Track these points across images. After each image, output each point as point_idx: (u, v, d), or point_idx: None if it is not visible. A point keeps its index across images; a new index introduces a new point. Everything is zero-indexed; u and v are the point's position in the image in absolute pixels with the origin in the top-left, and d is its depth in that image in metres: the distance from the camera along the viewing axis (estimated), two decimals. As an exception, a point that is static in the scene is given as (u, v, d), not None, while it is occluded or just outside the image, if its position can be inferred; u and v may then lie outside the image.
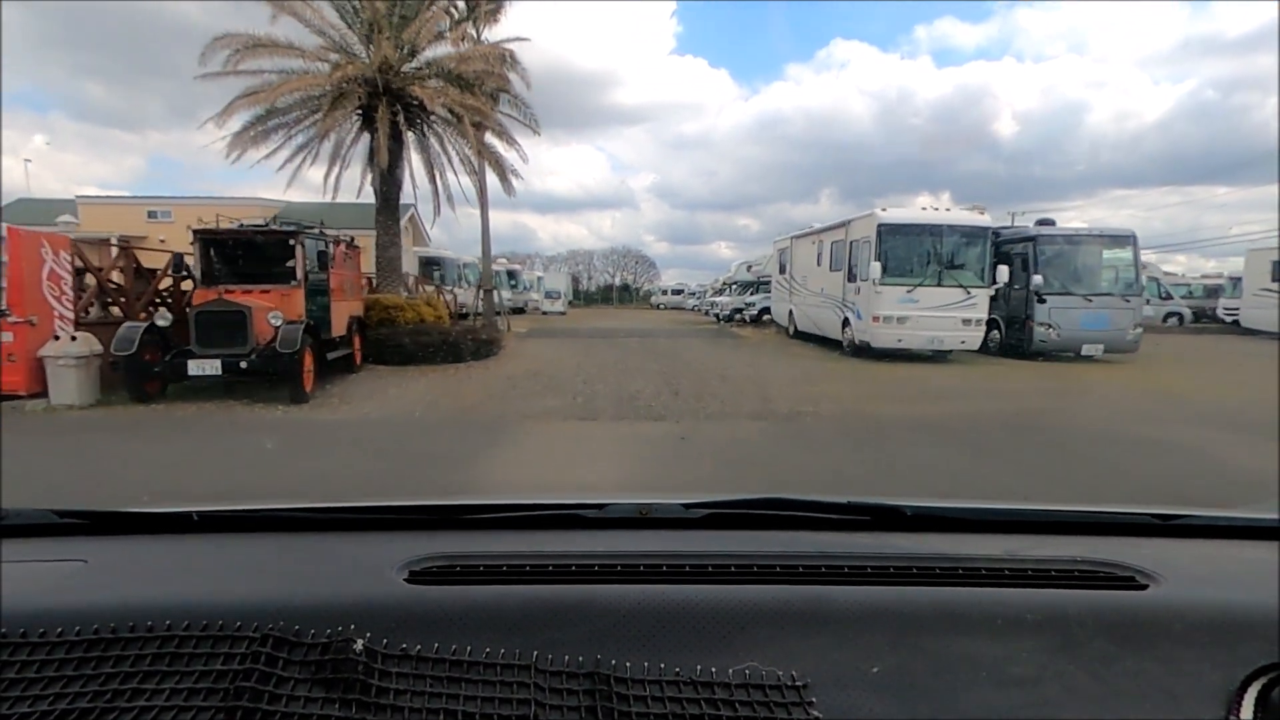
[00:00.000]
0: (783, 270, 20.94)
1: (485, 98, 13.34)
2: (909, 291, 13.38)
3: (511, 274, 40.07)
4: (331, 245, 9.78)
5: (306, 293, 8.97)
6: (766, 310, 24.94)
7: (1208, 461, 5.68)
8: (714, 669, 0.74)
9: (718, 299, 32.54)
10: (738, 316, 28.15)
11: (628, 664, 0.74)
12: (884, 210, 13.73)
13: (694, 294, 60.53)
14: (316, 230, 9.39)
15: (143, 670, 0.71)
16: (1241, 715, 0.72)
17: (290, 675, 0.70)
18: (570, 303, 63.70)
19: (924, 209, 13.78)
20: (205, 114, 13.69)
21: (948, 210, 13.73)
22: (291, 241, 8.81)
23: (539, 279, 49.50)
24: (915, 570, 0.92)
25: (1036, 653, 0.77)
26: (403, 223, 19.58)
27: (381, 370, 11.21)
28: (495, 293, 20.26)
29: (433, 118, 13.79)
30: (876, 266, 13.28)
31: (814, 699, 0.71)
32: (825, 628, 0.79)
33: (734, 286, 32.30)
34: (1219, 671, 0.76)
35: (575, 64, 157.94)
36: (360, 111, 13.01)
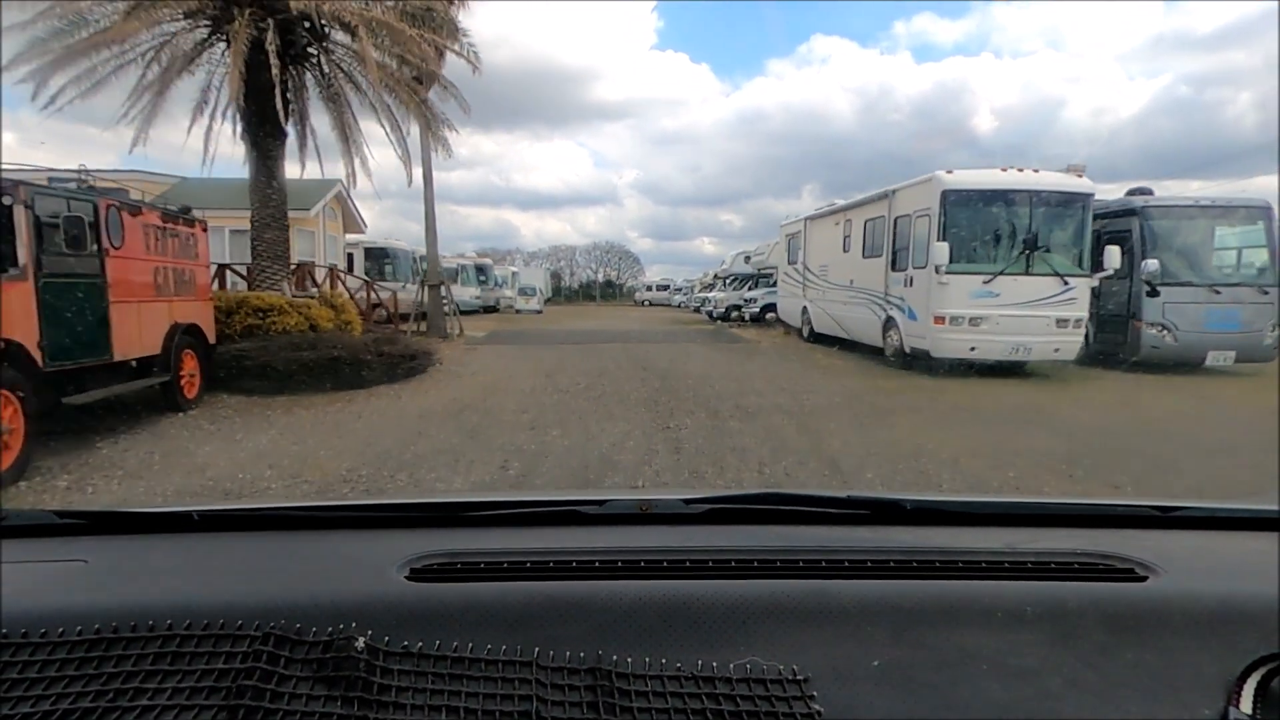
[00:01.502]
0: (793, 260, 17.39)
1: (403, 16, 9.58)
2: (986, 282, 9.84)
3: (481, 268, 36.27)
4: (114, 212, 6.00)
5: (42, 289, 5.20)
6: (770, 308, 21.40)
7: None
8: (715, 664, 0.73)
9: (711, 294, 28.91)
10: (735, 315, 24.59)
11: (629, 659, 0.73)
12: (949, 173, 10.18)
13: (680, 290, 57.74)
14: (71, 185, 5.62)
15: (144, 670, 0.70)
16: (1241, 706, 0.71)
17: (292, 674, 0.69)
18: (549, 300, 60.07)
19: (1004, 170, 10.23)
20: (179, 110, 9.97)
21: (1035, 172, 10.19)
22: (7, 201, 5.03)
23: (514, 274, 45.70)
24: (915, 564, 0.91)
25: (1036, 645, 0.76)
26: (324, 202, 15.75)
27: (229, 405, 7.46)
28: (446, 288, 16.52)
29: (332, 46, 10.01)
30: (941, 249, 9.72)
31: (815, 693, 0.70)
32: (826, 622, 0.79)
33: (729, 280, 28.73)
34: (1218, 662, 0.75)
35: (556, 59, 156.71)
36: (222, 36, 9.21)
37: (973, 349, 9.94)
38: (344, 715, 0.66)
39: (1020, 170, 10.15)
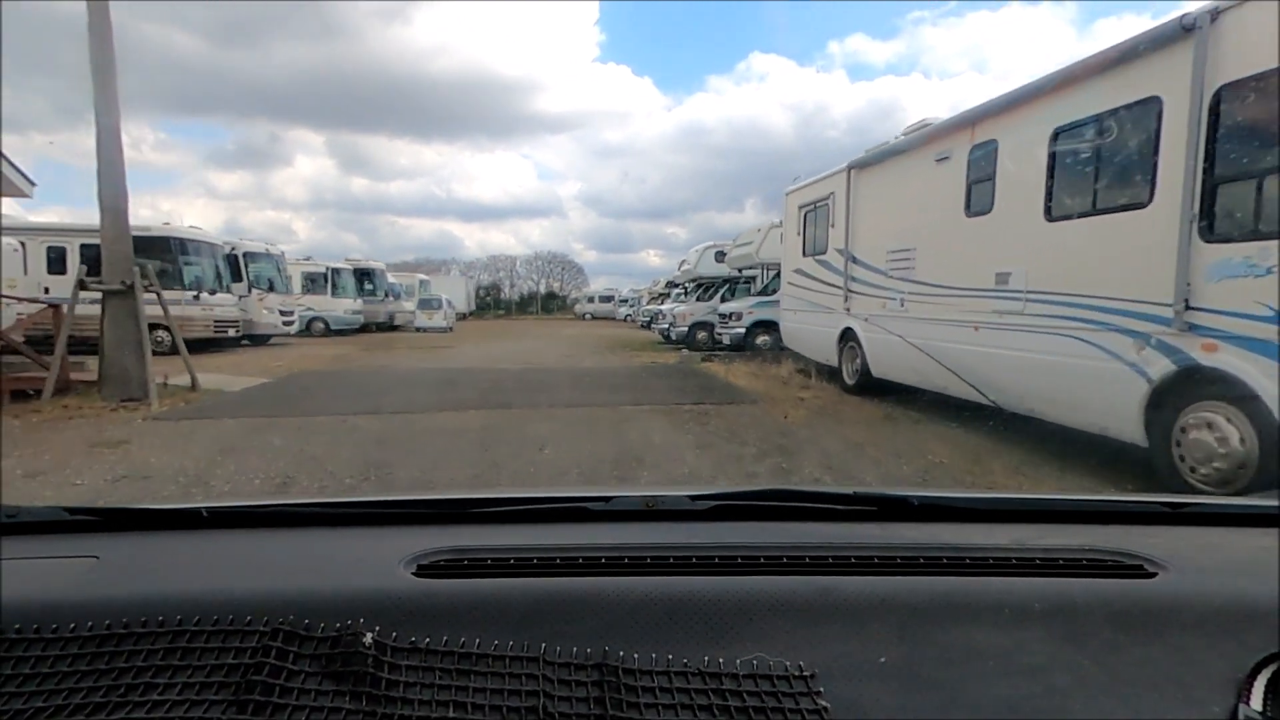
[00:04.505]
0: (816, 249, 9.95)
1: None
2: None
3: (365, 274, 27.74)
4: None
5: None
6: (763, 327, 13.90)
7: None
8: (721, 660, 0.72)
9: (665, 307, 21.13)
10: (702, 336, 17.00)
11: (635, 655, 0.72)
12: None
13: (625, 300, 50.31)
14: None
15: (154, 665, 0.70)
16: (1251, 703, 0.69)
17: (300, 669, 0.69)
18: (472, 314, 51.33)
19: None
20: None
21: None
22: None
23: (421, 283, 37.10)
24: (922, 560, 0.89)
25: (1044, 642, 0.75)
26: None
27: None
28: (150, 297, 8.33)
29: None
30: None
31: (822, 689, 0.69)
32: (832, 618, 0.78)
33: (690, 287, 21.09)
34: (1228, 659, 0.73)
35: (496, 70, 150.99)
36: None
37: None
38: (352, 710, 0.66)
39: None
